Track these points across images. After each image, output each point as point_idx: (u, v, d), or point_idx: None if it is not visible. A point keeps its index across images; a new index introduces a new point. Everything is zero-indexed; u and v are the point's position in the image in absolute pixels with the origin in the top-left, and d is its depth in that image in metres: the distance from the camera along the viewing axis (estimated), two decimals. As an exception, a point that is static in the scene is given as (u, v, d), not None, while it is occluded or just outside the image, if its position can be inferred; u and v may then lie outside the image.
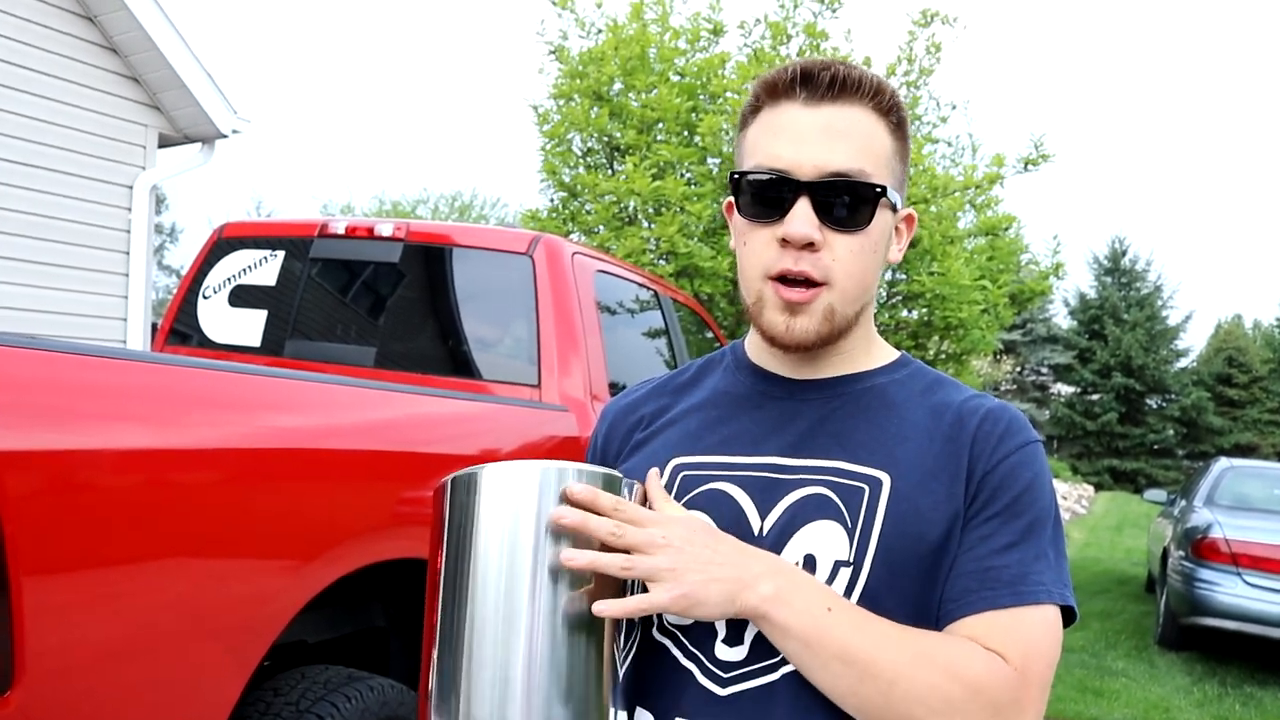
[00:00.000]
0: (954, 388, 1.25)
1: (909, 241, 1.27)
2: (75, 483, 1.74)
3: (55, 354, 1.83)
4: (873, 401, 1.22)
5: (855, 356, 1.25)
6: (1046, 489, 1.17)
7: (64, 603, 1.70)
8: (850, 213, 1.13)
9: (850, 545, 1.11)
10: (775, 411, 1.23)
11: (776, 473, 1.17)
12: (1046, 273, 10.83)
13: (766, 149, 1.16)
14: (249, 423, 2.14)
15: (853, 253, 1.14)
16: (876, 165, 1.14)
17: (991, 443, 1.15)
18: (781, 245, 1.13)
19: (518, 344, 3.49)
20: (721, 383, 1.31)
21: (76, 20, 7.02)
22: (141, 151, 7.42)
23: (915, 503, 1.12)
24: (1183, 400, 34.69)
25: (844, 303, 1.16)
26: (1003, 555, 1.11)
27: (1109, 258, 37.08)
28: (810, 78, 1.14)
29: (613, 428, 1.37)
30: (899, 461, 1.15)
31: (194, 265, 4.18)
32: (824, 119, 1.14)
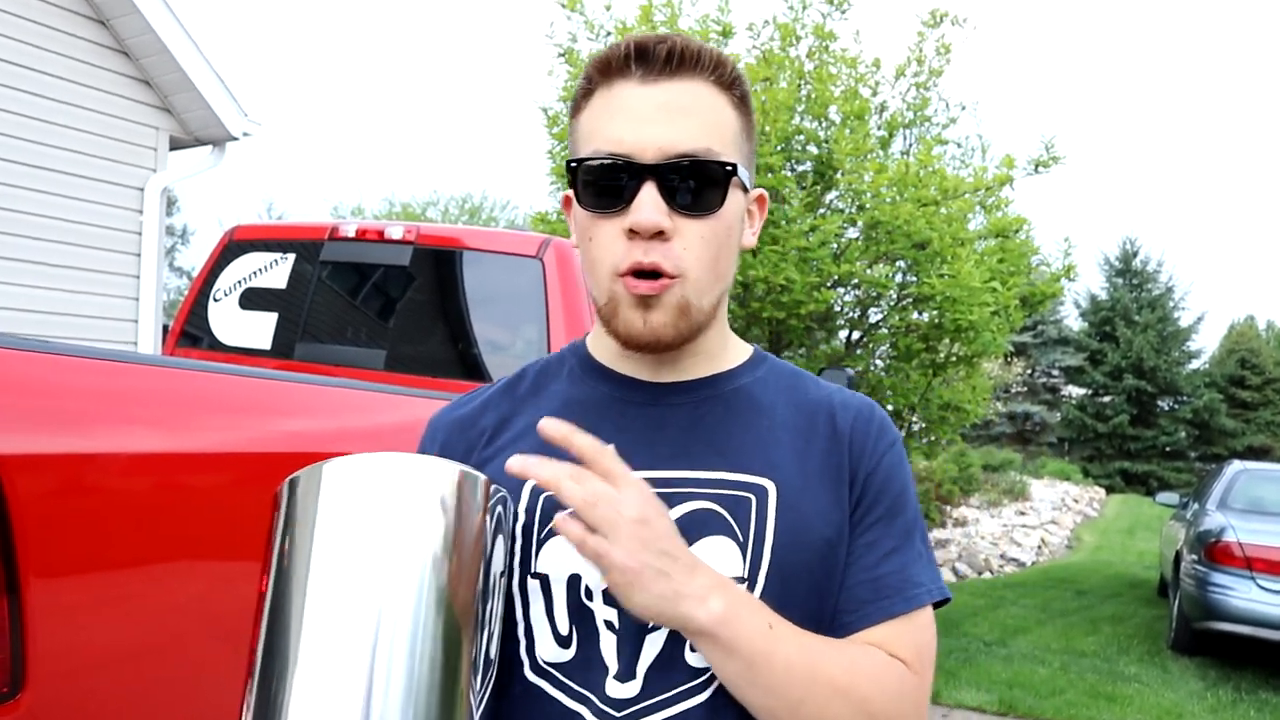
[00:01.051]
0: (813, 383, 1.20)
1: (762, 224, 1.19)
2: (85, 486, 1.74)
3: (66, 357, 1.83)
4: (742, 403, 1.15)
5: (714, 355, 1.17)
6: (913, 487, 1.16)
7: (74, 605, 1.70)
8: (700, 196, 1.04)
9: (744, 560, 1.05)
10: (640, 420, 1.13)
11: (654, 487, 1.03)
12: (1057, 275, 10.79)
13: (604, 133, 1.06)
14: (259, 426, 2.14)
15: (704, 239, 1.05)
16: (724, 143, 1.06)
17: (869, 442, 1.13)
18: (629, 237, 1.04)
19: (528, 346, 3.49)
20: (571, 390, 1.19)
21: (88, 24, 7.04)
22: (153, 154, 7.45)
23: (803, 510, 1.07)
24: (1195, 402, 34.55)
25: (699, 294, 1.06)
26: (889, 561, 1.09)
27: (1120, 259, 36.96)
28: (645, 53, 1.05)
29: (447, 446, 1.20)
30: (780, 466, 1.09)
31: (205, 268, 4.19)
32: (664, 96, 1.04)
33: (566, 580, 1.07)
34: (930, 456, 13.53)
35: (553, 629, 1.07)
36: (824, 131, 9.24)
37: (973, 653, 7.80)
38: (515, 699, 1.06)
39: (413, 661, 0.86)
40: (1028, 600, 10.72)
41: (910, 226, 8.30)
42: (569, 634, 1.06)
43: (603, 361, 1.18)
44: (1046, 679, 7.13)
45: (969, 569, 12.63)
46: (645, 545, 0.95)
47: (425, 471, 0.92)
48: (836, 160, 8.73)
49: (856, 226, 9.05)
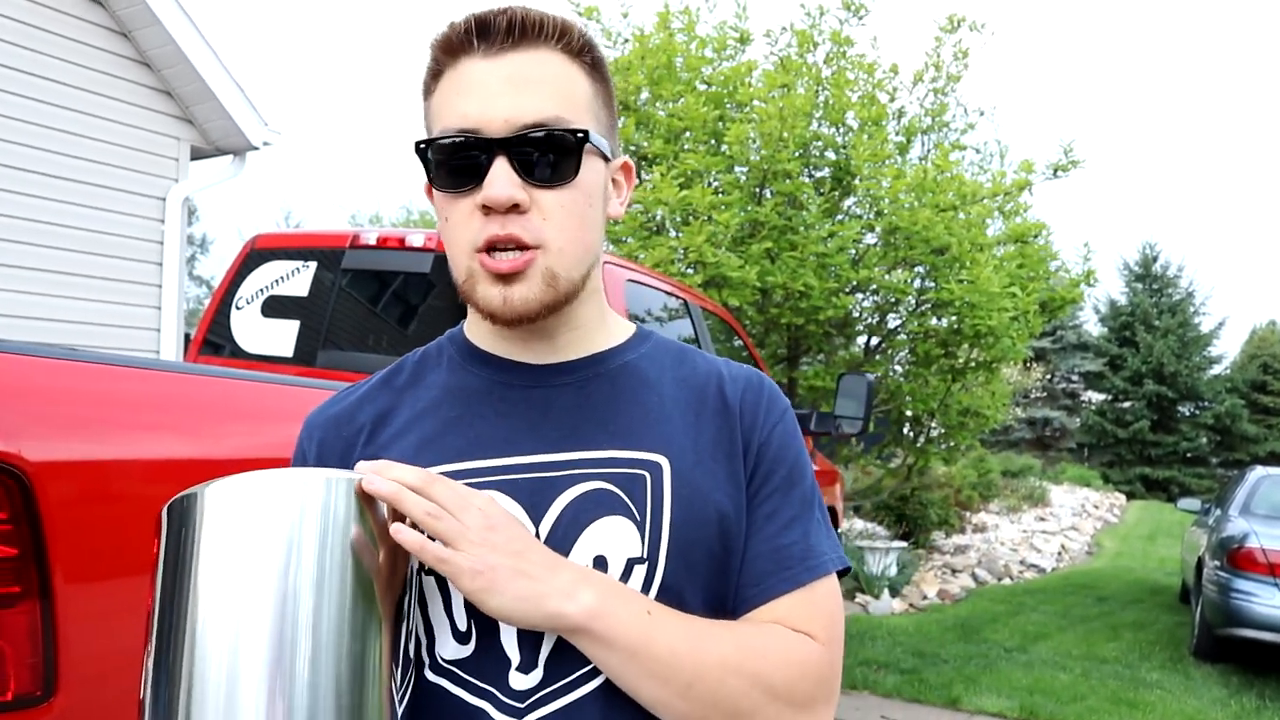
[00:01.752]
0: (700, 357, 1.18)
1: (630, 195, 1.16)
2: (113, 492, 1.76)
3: (94, 365, 1.86)
4: (629, 380, 1.12)
5: (593, 333, 1.14)
6: (805, 455, 1.14)
7: (104, 609, 1.72)
8: (554, 165, 1.01)
9: (642, 539, 1.02)
10: (524, 403, 1.10)
11: (543, 471, 1.05)
12: (1077, 280, 10.76)
13: (454, 110, 1.03)
14: (283, 433, 2.15)
15: (564, 208, 1.02)
16: (575, 110, 1.03)
17: (760, 413, 1.11)
18: (485, 213, 1.01)
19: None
20: (451, 378, 1.15)
21: (111, 35, 7.12)
22: (174, 164, 7.51)
23: (698, 484, 1.05)
24: (1216, 408, 34.32)
25: (565, 265, 1.03)
26: (789, 531, 1.08)
27: (1140, 264, 36.78)
28: (486, 26, 1.02)
29: (325, 444, 1.16)
30: (672, 441, 1.07)
31: (227, 276, 4.22)
32: (509, 68, 1.02)
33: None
34: (949, 462, 13.51)
35: (451, 626, 1.04)
36: (842, 137, 9.24)
37: (993, 658, 7.77)
38: (417, 700, 1.04)
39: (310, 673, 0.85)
40: (1048, 606, 10.67)
41: (928, 232, 8.29)
42: (468, 629, 1.03)
43: (481, 346, 1.15)
44: (1068, 685, 7.09)
45: (989, 575, 12.58)
46: (494, 549, 0.93)
47: (290, 484, 0.89)
48: (854, 166, 8.73)
49: (874, 232, 9.04)
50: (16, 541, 1.58)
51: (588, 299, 1.12)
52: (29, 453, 1.59)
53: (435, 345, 1.22)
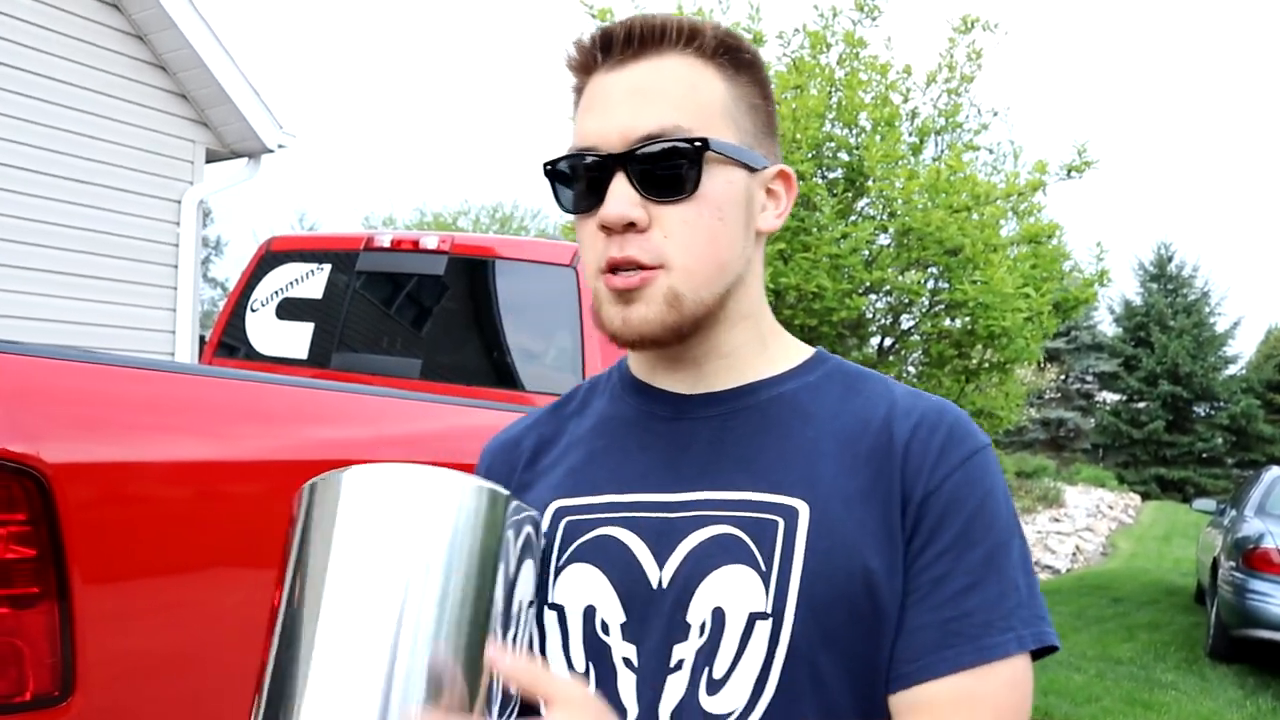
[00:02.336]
0: (881, 385, 1.04)
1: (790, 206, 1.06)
2: (130, 494, 1.77)
3: (112, 368, 1.87)
4: (780, 413, 1.01)
5: (749, 360, 1.04)
6: (1002, 504, 0.97)
7: (121, 610, 1.73)
8: (672, 178, 0.94)
9: (766, 591, 0.92)
10: (667, 437, 1.02)
11: (672, 511, 0.97)
12: (1091, 280, 10.72)
13: (578, 129, 0.99)
14: (298, 434, 2.17)
15: (687, 224, 0.95)
16: (700, 117, 0.95)
17: (930, 458, 0.95)
18: (606, 233, 0.95)
19: (561, 355, 3.51)
20: (609, 407, 1.10)
21: (127, 39, 7.16)
22: (190, 167, 7.55)
23: (841, 534, 0.92)
24: (1232, 408, 34.12)
25: (690, 285, 0.95)
26: (963, 600, 0.92)
27: (1155, 264, 36.60)
28: (609, 39, 0.98)
29: (492, 470, 1.15)
30: (817, 484, 0.95)
31: (242, 278, 4.25)
32: (632, 79, 0.96)
33: (583, 612, 0.98)
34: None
35: (568, 664, 0.98)
36: (855, 138, 9.22)
37: (1007, 661, 7.74)
38: None
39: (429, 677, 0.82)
40: (1063, 607, 10.63)
41: (942, 233, 8.27)
42: (585, 670, 0.97)
43: (637, 375, 1.09)
44: (1082, 686, 7.07)
45: (1003, 576, 12.54)
46: None
47: (440, 483, 0.88)
48: (868, 167, 8.72)
49: (888, 233, 9.02)
50: (35, 543, 1.59)
51: (736, 323, 1.03)
52: (48, 454, 1.61)
53: (607, 372, 1.17)
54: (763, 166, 1.01)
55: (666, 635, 0.94)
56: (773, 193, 1.04)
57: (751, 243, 1.02)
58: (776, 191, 1.04)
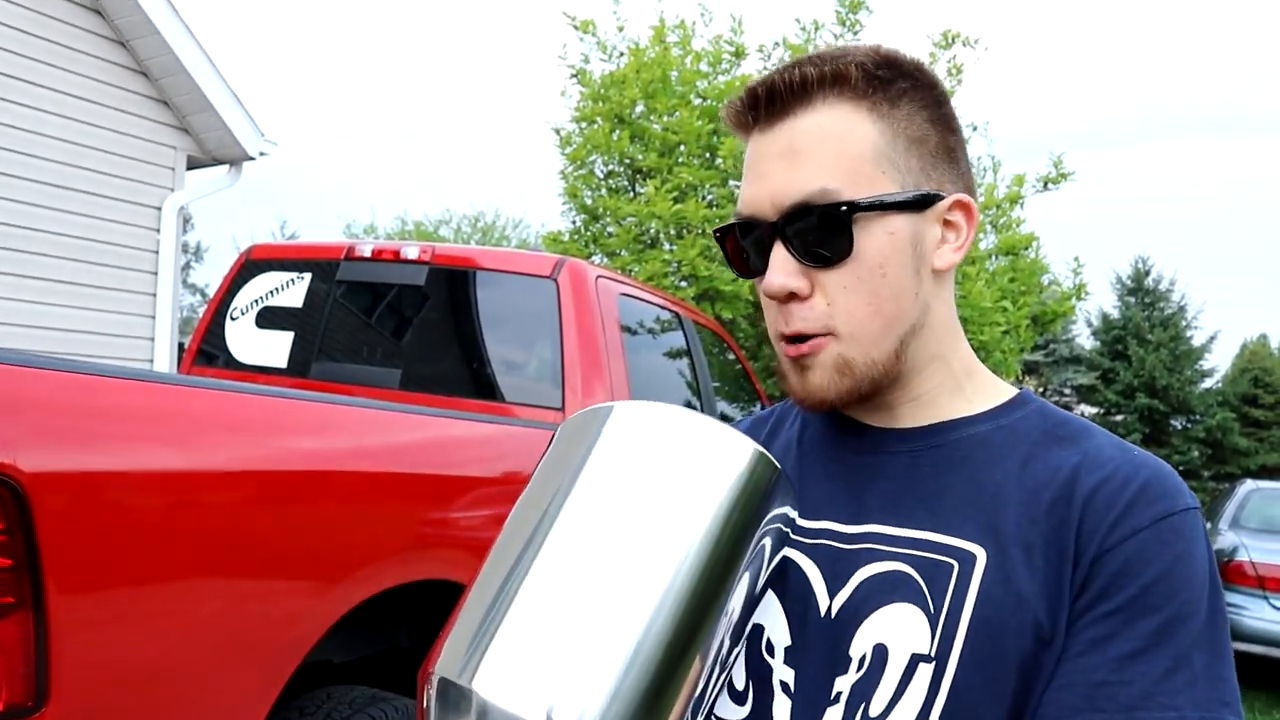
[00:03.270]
0: (1084, 434, 0.97)
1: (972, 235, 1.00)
2: (107, 502, 1.76)
3: (90, 376, 1.87)
4: (972, 454, 0.97)
5: (943, 401, 1.00)
6: (1197, 575, 0.87)
7: (96, 620, 1.73)
8: (824, 244, 0.92)
9: (932, 635, 0.89)
10: (855, 467, 1.01)
11: (850, 542, 0.96)
12: (1069, 294, 10.80)
13: (741, 195, 0.97)
14: (277, 444, 2.16)
15: (847, 289, 0.92)
16: (851, 173, 0.91)
17: (1111, 514, 0.88)
18: (775, 301, 0.95)
19: (542, 367, 3.52)
20: (799, 431, 1.10)
21: (109, 44, 7.14)
22: (170, 173, 7.53)
23: (1015, 584, 0.88)
24: (1208, 421, 34.37)
25: (859, 349, 0.94)
26: (1123, 668, 0.84)
27: (1132, 278, 36.88)
28: (754, 100, 0.95)
29: None
30: (999, 532, 0.91)
31: (222, 286, 4.24)
32: (783, 140, 0.93)
33: (751, 629, 0.97)
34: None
35: (729, 682, 0.97)
36: (836, 151, 9.26)
37: (985, 673, 7.78)
38: None
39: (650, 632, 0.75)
40: (1040, 620, 10.67)
41: (921, 246, 8.32)
42: (744, 689, 0.96)
43: None
44: (1059, 699, 7.10)
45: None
46: None
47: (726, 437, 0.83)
48: (848, 180, 8.75)
49: (868, 246, 9.06)
50: (11, 552, 1.59)
51: (922, 369, 0.99)
52: (24, 463, 1.60)
53: None
54: (932, 202, 0.95)
55: (829, 665, 0.93)
56: (951, 224, 0.98)
57: (929, 284, 0.97)
58: (955, 223, 0.98)
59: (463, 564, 2.57)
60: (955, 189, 0.98)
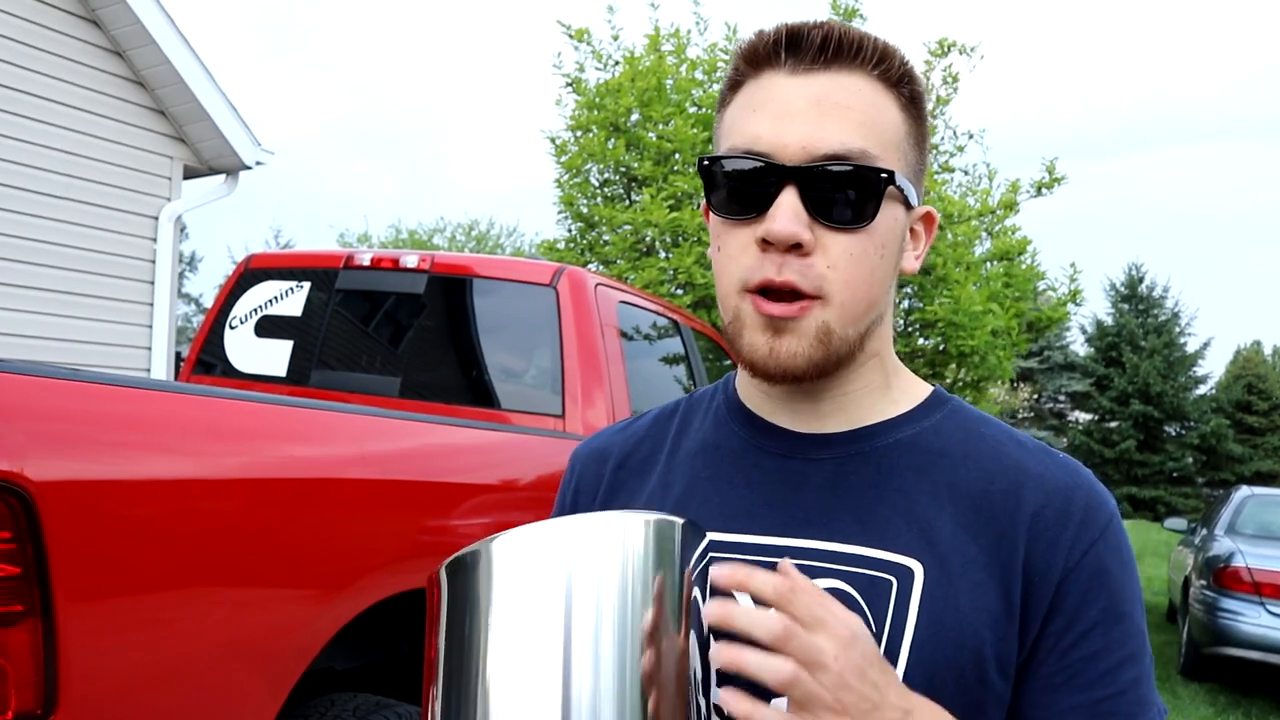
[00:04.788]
0: (1007, 439, 0.98)
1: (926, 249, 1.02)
2: (115, 511, 1.77)
3: (96, 385, 1.88)
4: (899, 461, 0.95)
5: (871, 399, 0.99)
6: (1134, 570, 0.93)
7: (104, 627, 1.73)
8: (850, 205, 0.88)
9: None
10: (776, 476, 0.97)
11: (777, 556, 0.89)
12: (1064, 300, 10.83)
13: (744, 129, 0.91)
14: (279, 453, 2.17)
15: (853, 256, 0.89)
16: (884, 146, 0.90)
17: (1068, 532, 0.90)
18: (762, 248, 0.89)
19: (542, 374, 3.52)
20: (713, 433, 1.05)
21: (105, 55, 7.15)
22: (167, 183, 7.53)
23: (955, 599, 0.88)
24: (1202, 427, 34.47)
25: (843, 321, 0.90)
26: (1116, 677, 0.89)
27: (1126, 284, 36.99)
28: (798, 40, 0.90)
29: (583, 478, 1.11)
30: (934, 543, 0.90)
31: (221, 295, 4.24)
32: (816, 89, 0.89)
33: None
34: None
35: None
36: (830, 159, 9.30)
37: (982, 679, 7.78)
38: None
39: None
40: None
41: (916, 253, 8.36)
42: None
43: (746, 403, 1.04)
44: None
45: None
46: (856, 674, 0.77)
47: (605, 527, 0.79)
48: (843, 187, 8.78)
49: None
50: (19, 560, 1.59)
51: (864, 363, 0.97)
52: (31, 472, 1.61)
53: (710, 389, 1.12)
54: (916, 206, 0.97)
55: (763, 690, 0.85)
56: (915, 233, 1.00)
57: (894, 281, 0.97)
58: (919, 233, 1.00)
59: (464, 571, 2.57)
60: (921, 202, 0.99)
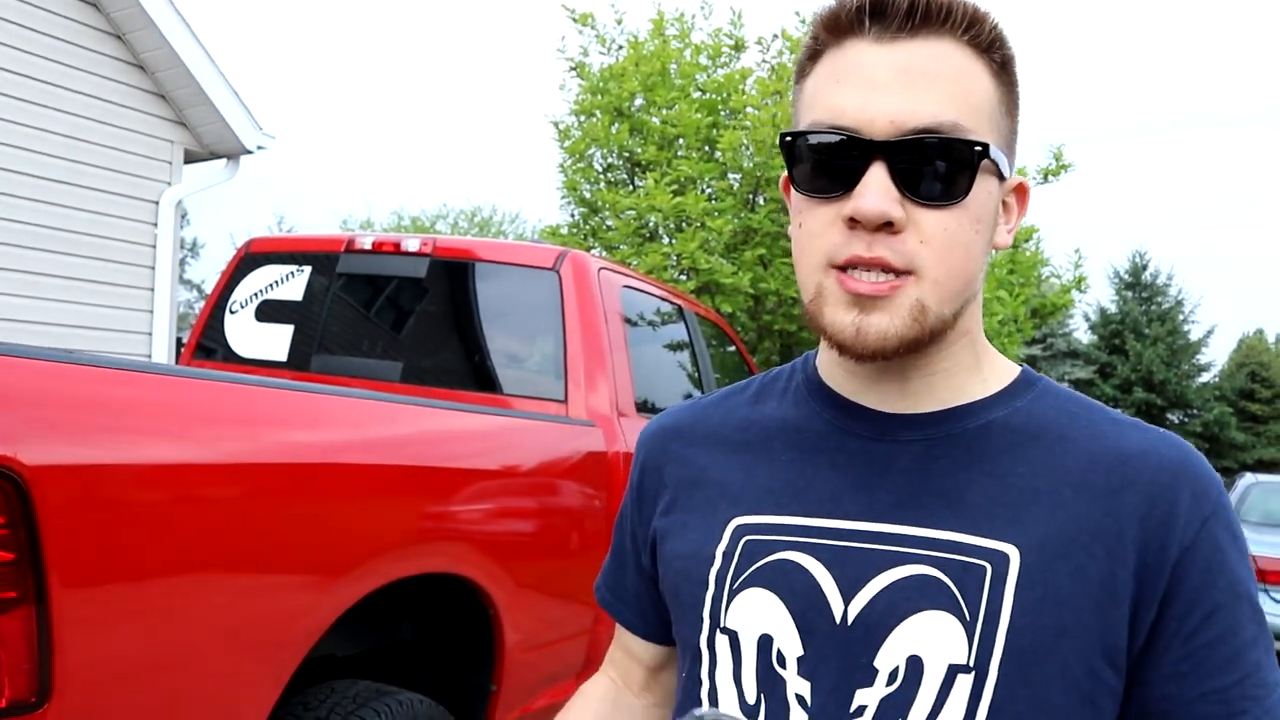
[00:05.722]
0: (1103, 418, 0.94)
1: (1019, 222, 0.98)
2: (109, 496, 1.75)
3: (92, 369, 1.85)
4: (991, 444, 0.92)
5: (961, 379, 0.95)
6: (1246, 549, 0.90)
7: (99, 615, 1.71)
8: (942, 180, 0.85)
9: (969, 643, 0.84)
10: (863, 458, 0.94)
11: (866, 541, 0.89)
12: (1068, 286, 10.81)
13: (828, 101, 0.87)
14: (279, 437, 2.15)
15: (947, 232, 0.85)
16: (976, 117, 0.86)
17: (1180, 508, 0.86)
18: (849, 226, 0.85)
19: (545, 359, 3.50)
20: (791, 411, 1.02)
21: (104, 38, 7.10)
22: (168, 167, 7.50)
23: (1054, 585, 0.84)
24: (1205, 415, 34.45)
25: (939, 299, 0.86)
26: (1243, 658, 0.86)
27: (1129, 272, 36.93)
28: (883, 6, 0.86)
29: (650, 458, 1.10)
30: (1030, 528, 0.86)
31: (221, 280, 4.22)
32: (903, 58, 0.85)
33: (757, 641, 0.92)
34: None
35: (739, 694, 0.92)
36: (835, 144, 9.26)
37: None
38: None
39: None
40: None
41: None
42: (756, 702, 0.90)
43: (828, 381, 1.00)
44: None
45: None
46: None
47: None
48: (848, 173, 8.75)
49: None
50: (14, 546, 1.57)
51: (955, 341, 0.94)
52: (26, 456, 1.59)
53: (789, 368, 1.08)
54: (1009, 177, 0.93)
55: (848, 676, 0.87)
56: (1008, 206, 0.96)
57: (987, 256, 0.93)
58: (1010, 205, 0.96)
59: (465, 557, 2.55)
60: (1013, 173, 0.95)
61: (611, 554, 1.19)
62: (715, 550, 0.96)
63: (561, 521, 3.00)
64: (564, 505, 3.02)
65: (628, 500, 1.14)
